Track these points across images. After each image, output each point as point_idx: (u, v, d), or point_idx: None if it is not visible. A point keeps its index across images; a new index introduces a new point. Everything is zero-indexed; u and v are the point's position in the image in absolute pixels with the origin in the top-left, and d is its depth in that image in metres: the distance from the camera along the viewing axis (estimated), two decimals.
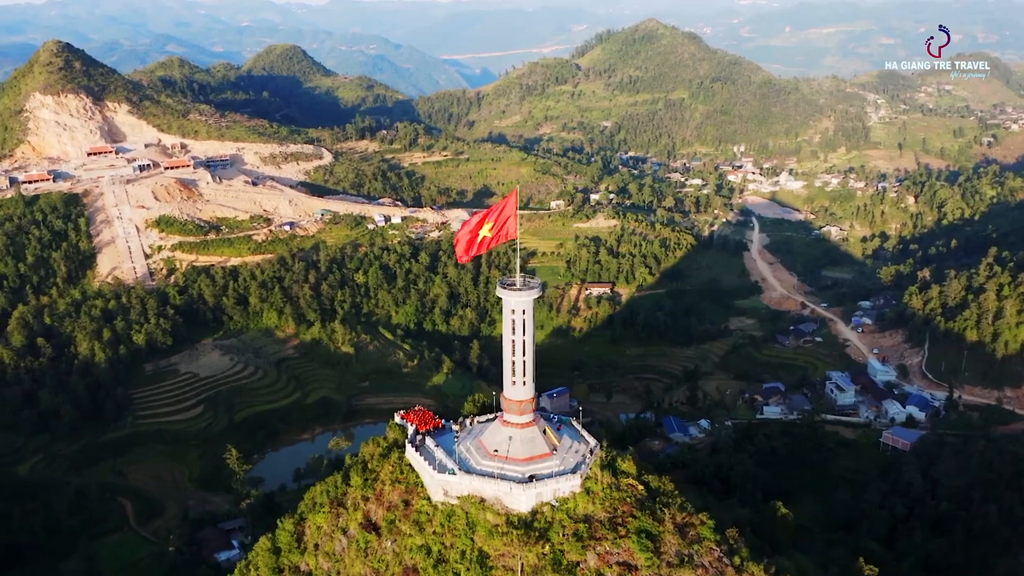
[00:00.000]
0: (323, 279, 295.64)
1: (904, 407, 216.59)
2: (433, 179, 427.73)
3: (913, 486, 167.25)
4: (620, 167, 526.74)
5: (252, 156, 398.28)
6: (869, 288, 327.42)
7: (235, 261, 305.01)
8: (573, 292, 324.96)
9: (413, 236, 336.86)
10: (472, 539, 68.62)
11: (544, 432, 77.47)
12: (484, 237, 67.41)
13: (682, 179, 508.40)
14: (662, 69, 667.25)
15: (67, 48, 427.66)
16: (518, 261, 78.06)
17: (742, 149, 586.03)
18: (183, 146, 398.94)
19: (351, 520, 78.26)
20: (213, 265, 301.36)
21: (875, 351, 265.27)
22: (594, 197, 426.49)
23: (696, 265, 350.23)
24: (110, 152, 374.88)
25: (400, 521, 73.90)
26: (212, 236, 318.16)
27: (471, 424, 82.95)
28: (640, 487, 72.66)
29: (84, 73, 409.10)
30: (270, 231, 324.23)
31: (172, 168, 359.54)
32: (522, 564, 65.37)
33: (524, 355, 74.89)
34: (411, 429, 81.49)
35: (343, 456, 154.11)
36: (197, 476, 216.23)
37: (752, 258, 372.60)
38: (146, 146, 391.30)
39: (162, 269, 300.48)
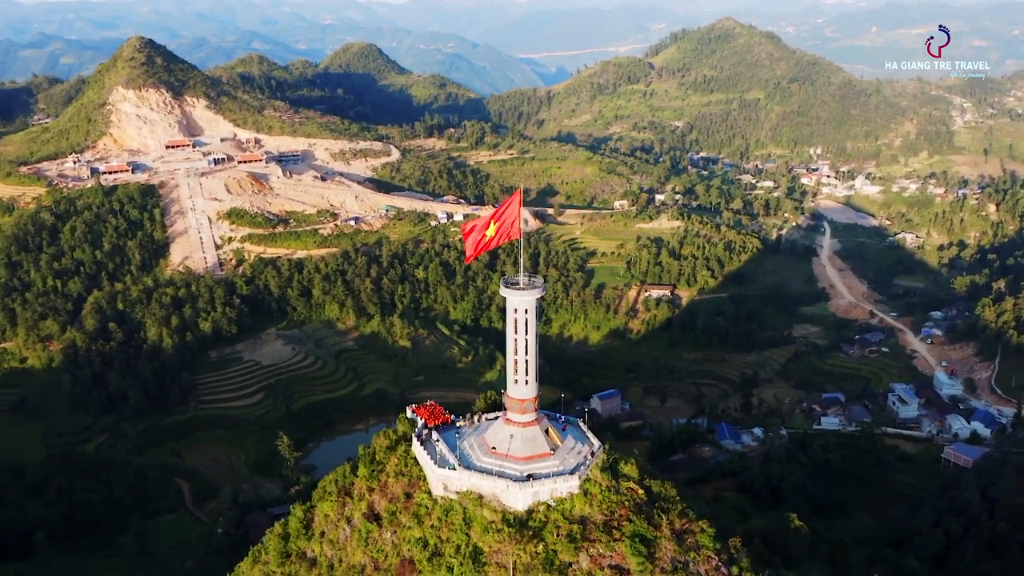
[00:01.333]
0: (384, 274, 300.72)
1: (969, 423, 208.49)
2: (497, 177, 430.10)
3: (971, 505, 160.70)
4: (689, 168, 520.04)
5: (323, 152, 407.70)
6: (942, 298, 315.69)
7: (301, 254, 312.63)
8: (632, 294, 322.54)
9: None
10: (468, 534, 69.39)
11: (546, 432, 77.65)
12: (488, 237, 67.99)
13: (753, 181, 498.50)
14: (738, 68, 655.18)
15: (149, 44, 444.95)
16: (522, 260, 78.16)
17: (818, 152, 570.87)
18: (257, 141, 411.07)
19: (355, 510, 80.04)
20: (280, 257, 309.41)
21: (943, 364, 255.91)
22: (659, 198, 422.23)
23: (761, 270, 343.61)
24: (187, 145, 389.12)
25: (401, 513, 75.28)
26: (280, 229, 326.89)
27: (478, 421, 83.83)
28: (640, 491, 72.16)
29: (165, 68, 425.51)
30: (336, 225, 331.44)
31: (245, 162, 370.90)
32: (515, 562, 65.97)
33: (526, 354, 75.24)
34: (420, 423, 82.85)
35: None
36: (253, 461, 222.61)
37: (821, 264, 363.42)
38: (222, 140, 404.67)
39: (231, 260, 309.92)
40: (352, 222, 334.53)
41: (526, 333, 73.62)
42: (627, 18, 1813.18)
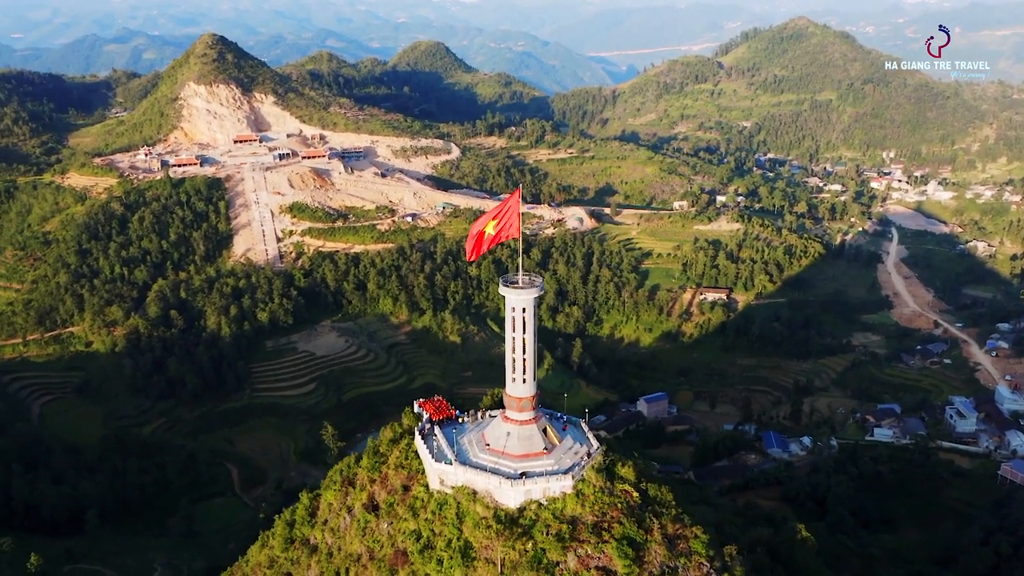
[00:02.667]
0: (438, 270, 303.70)
1: None
2: (556, 176, 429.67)
3: (1023, 524, 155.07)
4: (754, 169, 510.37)
5: (384, 149, 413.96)
6: (1011, 309, 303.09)
7: (358, 248, 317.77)
8: (686, 296, 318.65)
9: (528, 232, 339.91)
10: (460, 529, 70.00)
11: (544, 431, 77.70)
12: (488, 235, 68.38)
13: (820, 184, 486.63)
14: (810, 69, 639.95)
15: (221, 41, 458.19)
16: (521, 259, 78.33)
17: (892, 155, 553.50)
18: (322, 137, 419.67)
19: (356, 500, 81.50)
20: (338, 251, 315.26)
21: (1007, 377, 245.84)
22: (720, 199, 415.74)
23: (822, 275, 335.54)
24: (254, 140, 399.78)
25: (398, 505, 76.38)
26: (339, 224, 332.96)
27: (481, 417, 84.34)
28: (635, 494, 71.53)
29: (235, 65, 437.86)
30: (393, 221, 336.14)
31: (308, 158, 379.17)
32: (503, 559, 66.26)
33: (524, 353, 75.40)
34: (425, 417, 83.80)
35: None
36: (302, 449, 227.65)
37: (886, 271, 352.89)
38: (288, 136, 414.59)
39: (291, 252, 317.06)
40: (409, 218, 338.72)
41: (524, 332, 73.77)
42: (702, 16, 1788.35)
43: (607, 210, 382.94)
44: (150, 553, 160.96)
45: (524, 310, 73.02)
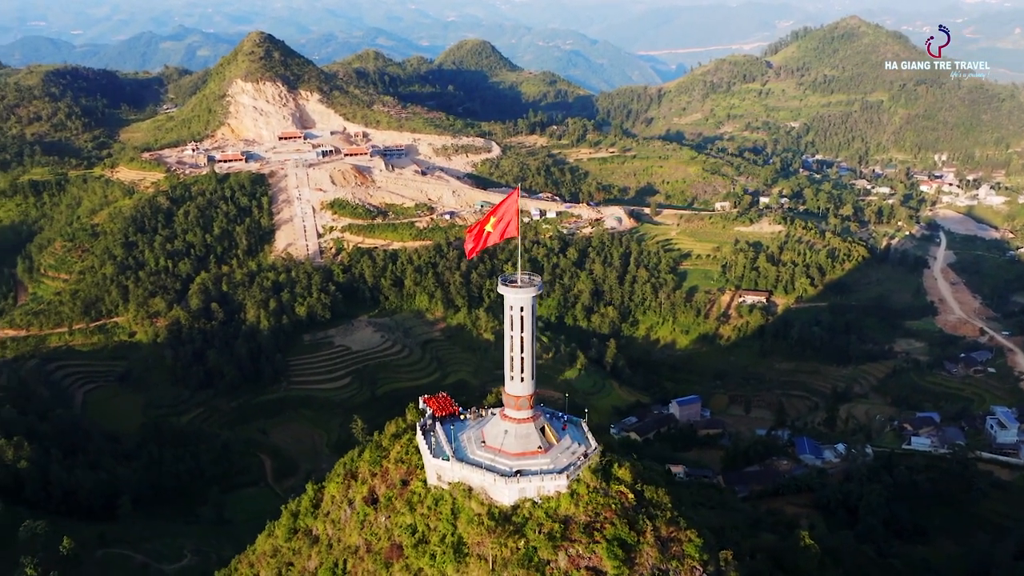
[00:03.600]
0: (474, 268, 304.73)
1: None
2: (596, 175, 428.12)
3: None
4: (801, 170, 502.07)
5: (426, 147, 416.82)
6: None
7: (396, 245, 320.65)
8: (725, 299, 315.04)
9: (565, 231, 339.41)
10: (454, 525, 70.44)
11: (543, 430, 77.76)
12: (488, 233, 68.71)
13: (867, 186, 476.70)
14: (861, 69, 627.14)
15: (268, 39, 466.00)
16: (519, 259, 78.30)
17: (943, 158, 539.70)
18: (365, 135, 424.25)
19: (357, 493, 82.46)
20: (376, 247, 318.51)
21: None
22: (763, 200, 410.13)
23: (866, 279, 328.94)
24: (299, 137, 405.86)
25: (396, 499, 77.10)
26: (379, 221, 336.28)
27: (484, 415, 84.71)
28: (630, 496, 71.11)
29: (282, 63, 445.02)
30: (432, 219, 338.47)
31: (351, 155, 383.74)
32: (495, 556, 66.54)
33: (522, 352, 75.49)
34: (428, 413, 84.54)
35: None
36: (335, 442, 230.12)
37: (932, 276, 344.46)
38: (332, 133, 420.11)
39: (331, 248, 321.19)
40: (447, 216, 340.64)
41: (522, 331, 73.95)
42: (754, 15, 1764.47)
43: (647, 210, 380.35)
44: (180, 540, 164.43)
45: (522, 309, 73.18)
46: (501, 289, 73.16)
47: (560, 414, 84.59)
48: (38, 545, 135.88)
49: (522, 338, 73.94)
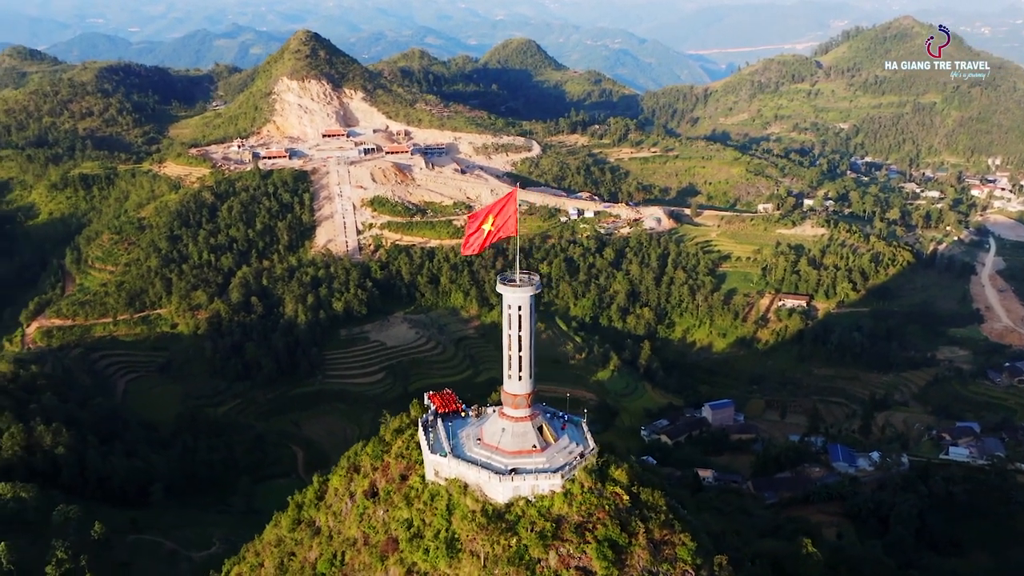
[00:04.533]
0: (509, 266, 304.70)
1: None
2: (637, 175, 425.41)
3: None
4: (848, 172, 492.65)
5: (466, 146, 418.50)
6: None
7: (434, 243, 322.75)
8: (764, 302, 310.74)
9: (603, 231, 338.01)
10: (448, 521, 70.91)
11: (540, 429, 77.76)
12: (488, 232, 69.06)
13: (916, 190, 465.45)
14: (913, 70, 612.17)
15: (314, 38, 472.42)
16: (518, 258, 78.36)
17: (997, 162, 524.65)
18: (407, 133, 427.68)
19: (359, 486, 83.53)
20: (414, 245, 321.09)
21: None
22: (808, 203, 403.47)
23: (910, 285, 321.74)
24: (342, 135, 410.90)
25: (395, 493, 77.83)
26: (417, 218, 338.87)
27: (485, 413, 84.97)
28: (625, 497, 70.71)
29: (327, 61, 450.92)
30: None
31: (392, 153, 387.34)
32: (487, 552, 66.81)
33: (520, 350, 75.58)
34: (431, 409, 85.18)
35: None
36: (366, 436, 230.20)
37: (980, 283, 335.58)
38: (374, 131, 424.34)
39: (370, 245, 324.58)
40: None
41: (520, 330, 74.11)
42: (807, 14, 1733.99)
43: (687, 211, 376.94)
44: (210, 528, 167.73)
45: (520, 308, 73.34)
46: (500, 288, 73.51)
47: (560, 413, 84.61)
48: (70, 529, 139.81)
49: (520, 337, 74.16)
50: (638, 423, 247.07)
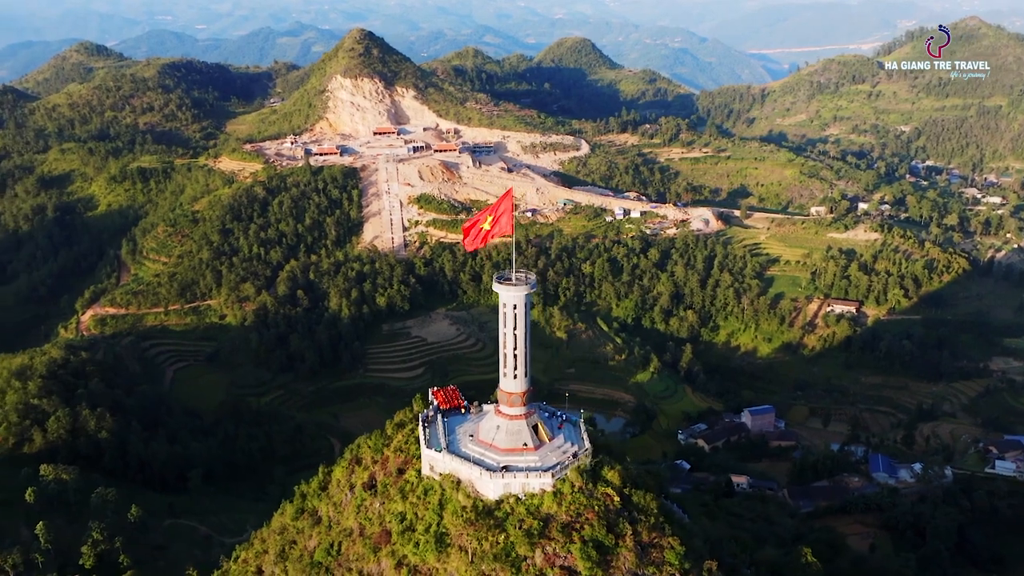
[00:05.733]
0: (551, 265, 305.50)
1: None
2: (687, 175, 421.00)
3: None
4: (907, 176, 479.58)
5: (514, 144, 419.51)
6: None
7: (510, 239, 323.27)
8: (812, 307, 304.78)
9: (648, 231, 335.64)
10: (440, 515, 71.63)
11: (535, 427, 77.98)
12: (485, 230, 69.74)
13: (978, 195, 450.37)
14: (978, 72, 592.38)
15: (368, 36, 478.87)
16: (514, 257, 78.63)
17: None
18: (456, 131, 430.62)
19: (359, 478, 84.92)
20: (458, 243, 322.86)
21: None
22: (862, 206, 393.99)
23: (964, 293, 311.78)
24: (392, 133, 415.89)
25: (391, 487, 78.93)
26: (462, 216, 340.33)
27: (484, 410, 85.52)
28: (616, 498, 70.46)
29: (380, 60, 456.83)
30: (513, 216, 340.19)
31: (440, 151, 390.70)
32: (474, 548, 67.36)
33: (515, 349, 75.96)
34: (433, 404, 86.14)
35: None
36: None
37: None
38: (424, 129, 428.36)
39: (415, 242, 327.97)
40: (529, 213, 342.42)
41: (515, 328, 74.56)
42: (874, 14, 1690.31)
43: (737, 212, 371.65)
44: (245, 515, 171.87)
45: (515, 306, 73.82)
46: (495, 287, 74.10)
47: (558, 412, 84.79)
48: (108, 511, 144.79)
49: (515, 335, 74.69)
50: (676, 426, 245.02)
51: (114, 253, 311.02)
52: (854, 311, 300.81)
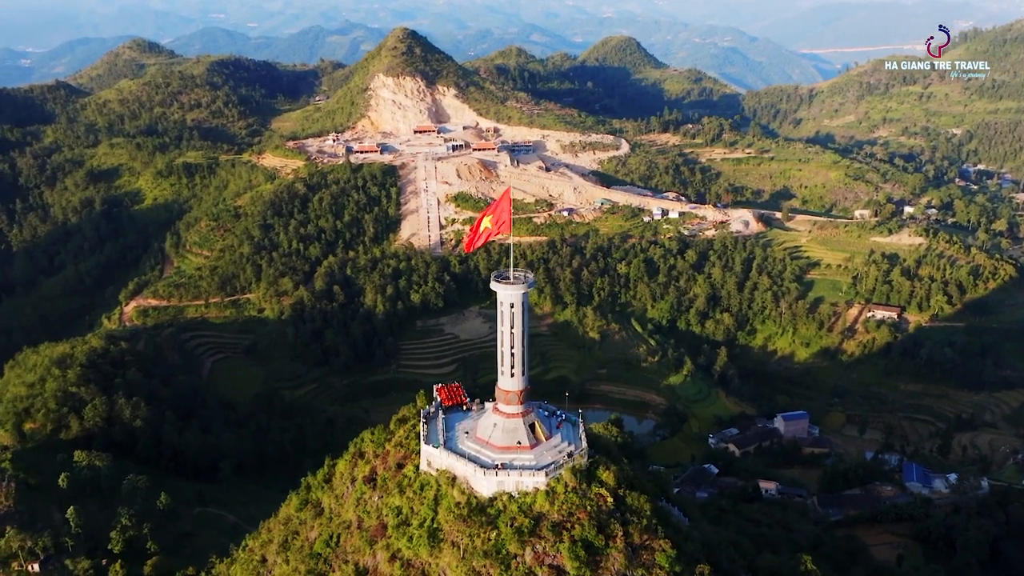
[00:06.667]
0: (586, 265, 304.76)
1: None
2: (729, 176, 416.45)
3: None
4: (956, 180, 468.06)
5: (554, 144, 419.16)
6: None
7: (512, 240, 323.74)
8: (852, 313, 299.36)
9: (686, 232, 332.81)
10: (435, 511, 72.41)
11: (532, 426, 78.23)
12: (486, 229, 70.41)
13: None
14: None
15: (411, 35, 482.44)
16: (512, 256, 78.93)
17: None
18: (496, 130, 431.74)
19: (360, 471, 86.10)
20: (493, 241, 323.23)
21: None
22: (908, 210, 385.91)
23: (1011, 300, 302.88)
24: (432, 131, 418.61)
25: (390, 481, 79.98)
26: None
27: (485, 407, 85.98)
28: (609, 499, 70.42)
29: (422, 59, 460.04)
30: (549, 215, 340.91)
31: (479, 150, 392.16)
32: (466, 544, 67.90)
33: (513, 347, 76.33)
34: (436, 401, 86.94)
35: None
36: None
37: None
38: (464, 128, 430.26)
39: (451, 239, 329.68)
40: (565, 213, 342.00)
41: (512, 327, 74.97)
42: (930, 14, 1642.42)
43: (778, 215, 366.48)
44: (272, 506, 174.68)
45: (512, 305, 74.29)
46: (493, 286, 74.66)
47: (558, 412, 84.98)
48: (138, 498, 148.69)
49: (512, 333, 75.16)
50: (707, 430, 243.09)
51: (158, 246, 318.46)
52: (895, 317, 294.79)
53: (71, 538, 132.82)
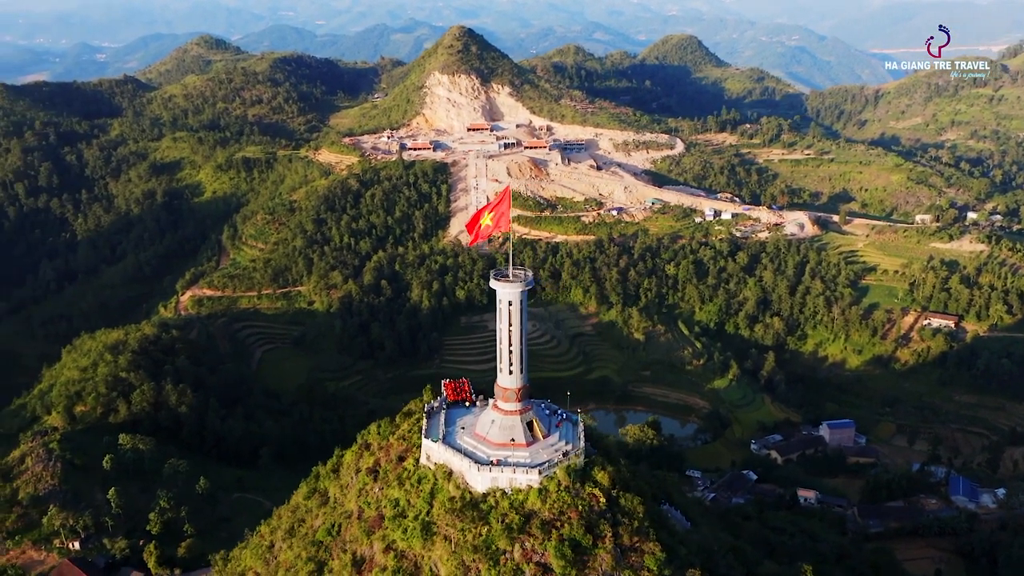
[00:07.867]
0: (633, 265, 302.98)
1: None
2: (786, 177, 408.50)
3: None
4: None
5: (606, 142, 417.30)
6: None
7: (560, 238, 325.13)
8: (907, 320, 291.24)
9: (739, 234, 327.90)
10: (430, 504, 73.53)
11: (530, 424, 78.55)
12: (486, 225, 71.14)
13: None
14: None
15: (468, 33, 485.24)
16: (511, 254, 79.39)
17: None
18: (548, 128, 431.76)
19: (365, 463, 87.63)
20: (540, 239, 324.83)
21: None
22: (971, 216, 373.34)
23: None
24: (485, 129, 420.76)
25: (391, 473, 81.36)
26: (547, 213, 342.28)
27: (486, 404, 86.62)
28: (602, 499, 70.43)
29: (478, 57, 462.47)
30: (598, 214, 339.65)
31: (530, 148, 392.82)
32: (458, 538, 68.71)
33: (511, 345, 76.76)
34: (442, 396, 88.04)
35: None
36: None
37: None
38: (517, 126, 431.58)
39: (498, 237, 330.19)
40: (614, 212, 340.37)
41: (511, 325, 75.48)
42: (1006, 14, 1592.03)
43: (835, 218, 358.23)
44: None
45: (511, 303, 74.85)
46: (492, 284, 75.37)
47: (559, 411, 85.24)
48: (179, 481, 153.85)
49: (511, 331, 75.72)
50: (750, 436, 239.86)
51: (215, 238, 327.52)
52: (952, 326, 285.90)
53: (111, 518, 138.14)
